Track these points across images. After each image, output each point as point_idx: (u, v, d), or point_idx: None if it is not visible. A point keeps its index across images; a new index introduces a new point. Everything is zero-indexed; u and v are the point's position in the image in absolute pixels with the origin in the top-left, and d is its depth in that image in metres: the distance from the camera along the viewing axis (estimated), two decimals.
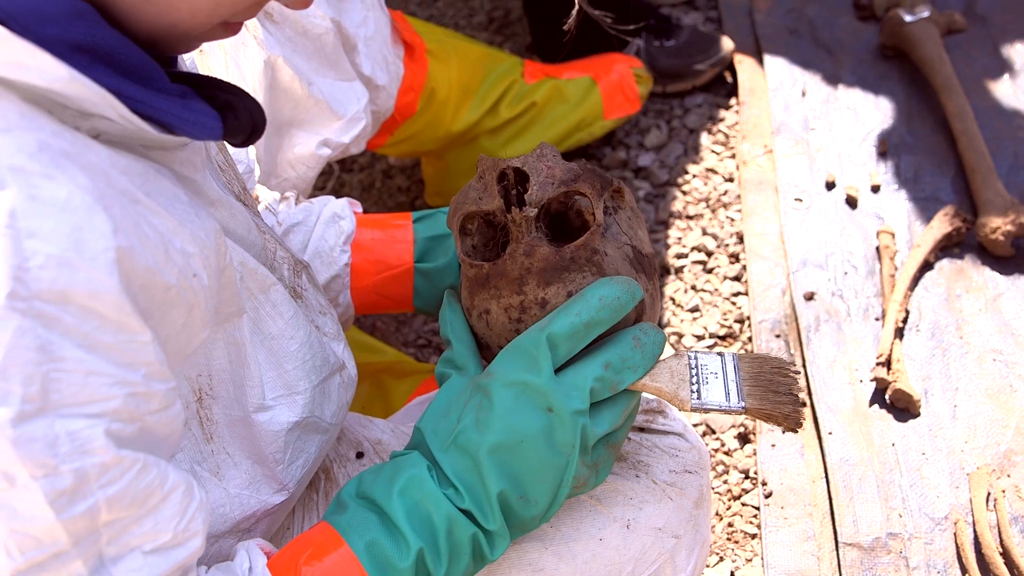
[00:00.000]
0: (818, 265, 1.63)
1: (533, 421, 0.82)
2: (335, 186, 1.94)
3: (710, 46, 1.95)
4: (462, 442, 0.83)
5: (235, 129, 0.77)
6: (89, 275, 0.62)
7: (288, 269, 0.95)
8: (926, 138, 1.79)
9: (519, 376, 0.83)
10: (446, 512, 0.82)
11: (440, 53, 1.61)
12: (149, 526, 0.69)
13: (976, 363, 1.48)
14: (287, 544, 0.84)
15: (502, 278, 0.88)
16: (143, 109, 0.68)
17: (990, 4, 2.02)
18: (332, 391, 0.96)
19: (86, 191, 0.63)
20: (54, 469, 0.62)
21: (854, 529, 1.32)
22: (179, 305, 0.71)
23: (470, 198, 0.92)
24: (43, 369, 0.60)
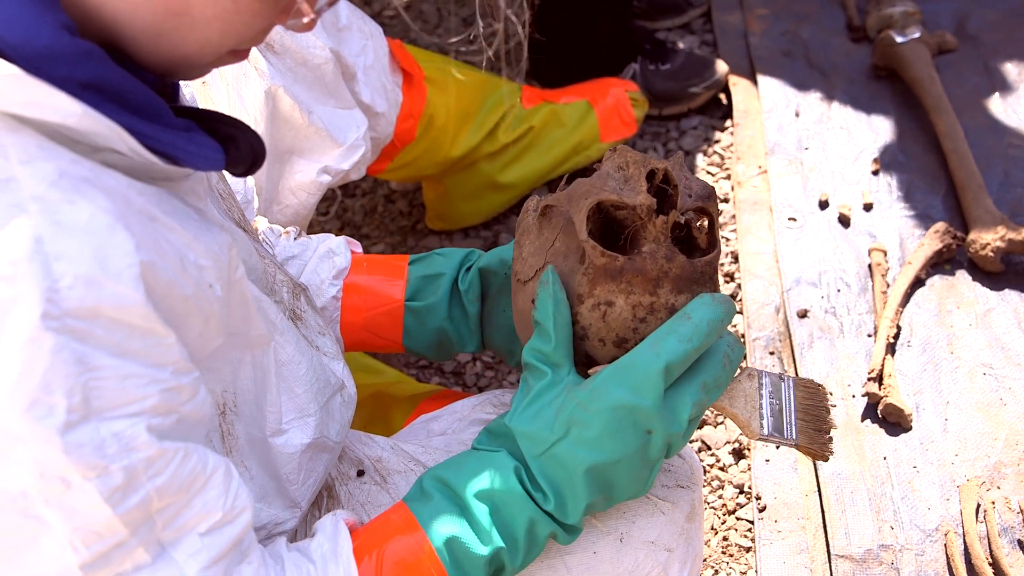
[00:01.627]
0: (811, 283, 1.66)
1: (632, 443, 0.84)
2: (338, 211, 1.98)
3: (705, 69, 1.98)
4: (559, 455, 0.85)
5: (236, 160, 0.81)
6: (116, 290, 0.66)
7: (288, 292, 0.98)
8: (918, 157, 1.83)
9: (627, 400, 0.83)
10: (529, 515, 0.85)
11: (438, 80, 1.65)
12: (199, 508, 0.73)
13: (967, 377, 1.50)
14: (367, 526, 0.88)
15: (638, 275, 0.87)
16: (150, 143, 0.71)
17: (980, 24, 2.05)
18: (335, 410, 0.99)
19: (107, 212, 0.67)
20: (104, 469, 0.67)
21: (846, 541, 1.35)
22: (196, 315, 0.75)
23: (608, 187, 0.88)
24: (82, 380, 0.65)
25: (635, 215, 0.88)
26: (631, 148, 0.91)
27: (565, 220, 0.90)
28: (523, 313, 0.93)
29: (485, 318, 1.12)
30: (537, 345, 0.88)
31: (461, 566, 0.85)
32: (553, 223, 0.91)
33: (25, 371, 0.63)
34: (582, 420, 0.84)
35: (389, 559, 0.85)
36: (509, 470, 0.86)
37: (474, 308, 1.10)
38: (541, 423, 0.85)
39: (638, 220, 0.88)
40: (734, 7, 2.19)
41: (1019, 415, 1.45)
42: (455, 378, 1.70)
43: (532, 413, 0.86)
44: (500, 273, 1.09)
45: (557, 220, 0.91)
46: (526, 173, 1.82)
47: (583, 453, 0.84)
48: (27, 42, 0.65)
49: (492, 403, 1.14)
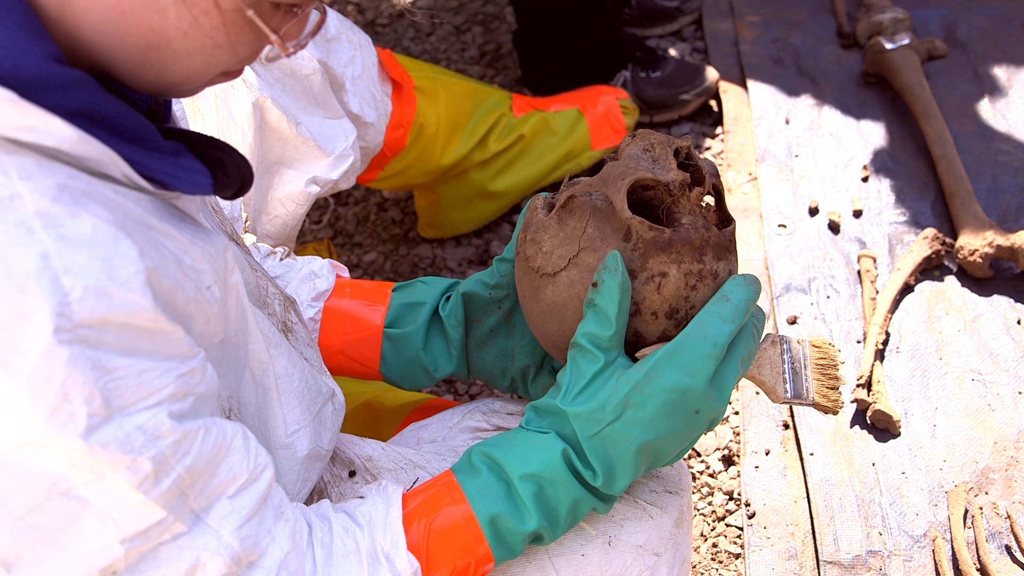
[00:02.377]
0: (801, 289, 1.67)
1: (682, 421, 0.89)
2: (331, 219, 1.99)
3: (695, 76, 1.99)
4: (613, 434, 0.88)
5: (224, 184, 0.82)
6: (125, 298, 0.68)
7: (279, 304, 0.99)
8: (907, 163, 1.83)
9: (680, 382, 0.87)
10: (573, 496, 0.90)
11: (428, 89, 1.66)
12: (225, 474, 0.77)
13: (955, 383, 1.51)
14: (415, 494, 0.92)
15: (685, 244, 0.90)
16: (139, 169, 0.73)
17: (970, 30, 2.06)
18: (327, 419, 1.00)
19: (109, 222, 0.68)
20: (133, 462, 0.70)
21: (835, 547, 1.35)
22: (198, 316, 0.77)
23: (641, 166, 0.92)
24: (100, 384, 0.67)
25: (666, 192, 0.92)
26: (652, 131, 0.95)
27: (592, 208, 0.93)
28: (555, 305, 0.94)
29: (471, 342, 1.12)
30: (593, 330, 0.89)
31: (503, 539, 0.90)
32: (577, 213, 0.93)
33: (43, 385, 0.65)
34: (637, 401, 0.87)
35: (436, 530, 0.89)
36: (557, 452, 0.89)
37: (457, 333, 1.10)
38: (595, 404, 0.88)
39: (669, 196, 0.93)
40: (725, 14, 2.20)
41: (1007, 421, 1.46)
42: (446, 386, 1.70)
43: (587, 396, 0.89)
44: (483, 295, 1.09)
45: (582, 209, 0.93)
46: (517, 181, 1.83)
47: (637, 432, 0.88)
48: (15, 70, 0.66)
49: (482, 411, 1.15)
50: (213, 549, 0.76)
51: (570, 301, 0.92)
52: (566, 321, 0.94)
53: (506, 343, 1.10)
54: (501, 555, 0.90)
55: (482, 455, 0.92)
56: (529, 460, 0.89)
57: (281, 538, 0.82)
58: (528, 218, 0.98)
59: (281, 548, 0.81)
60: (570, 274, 0.92)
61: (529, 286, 0.97)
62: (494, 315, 1.10)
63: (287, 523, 0.82)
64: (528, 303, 0.97)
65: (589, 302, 0.89)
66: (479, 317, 1.10)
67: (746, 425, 1.51)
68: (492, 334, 1.10)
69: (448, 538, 0.89)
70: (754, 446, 1.48)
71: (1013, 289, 1.61)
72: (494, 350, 1.11)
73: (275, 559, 0.81)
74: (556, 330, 0.95)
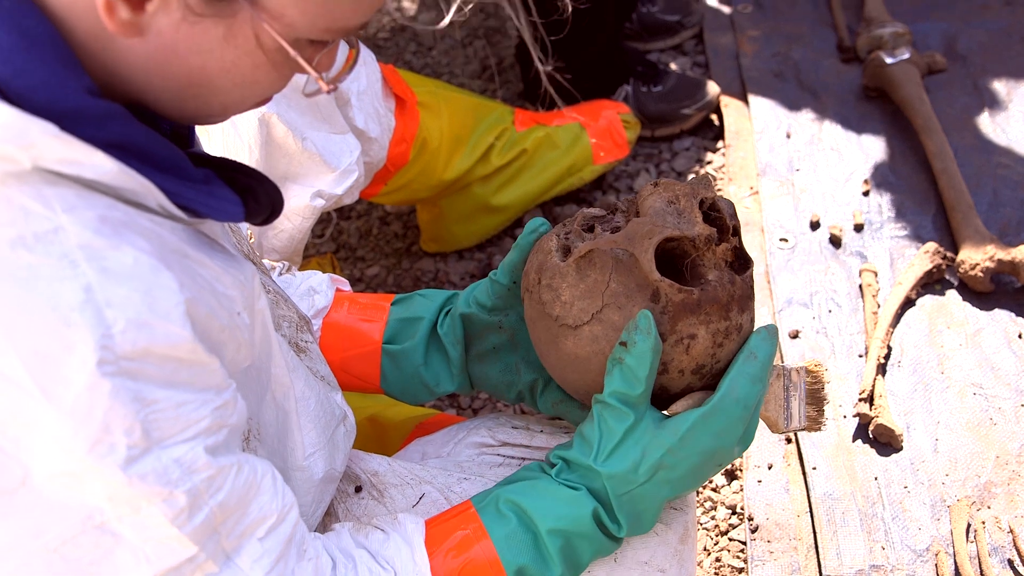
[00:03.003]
0: (803, 304, 1.67)
1: (708, 475, 0.94)
2: (333, 233, 1.99)
3: (697, 90, 2.00)
4: (644, 493, 0.92)
5: (255, 211, 0.83)
6: (166, 331, 0.70)
7: (289, 326, 1.00)
8: (908, 177, 1.84)
9: (712, 446, 0.91)
10: (596, 549, 0.93)
11: (431, 104, 1.67)
12: (256, 514, 0.78)
13: (957, 397, 1.51)
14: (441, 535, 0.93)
15: (713, 304, 0.91)
16: (174, 199, 0.74)
17: (970, 44, 2.07)
18: (339, 441, 1.02)
19: (149, 254, 0.70)
20: (170, 495, 0.71)
21: (838, 562, 1.35)
22: (230, 343, 0.78)
23: (668, 223, 0.91)
24: (140, 416, 0.69)
25: (691, 245, 0.92)
26: (674, 181, 0.95)
27: (614, 261, 0.91)
28: (579, 358, 0.93)
29: (472, 357, 1.11)
30: (621, 388, 0.90)
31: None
32: (598, 265, 0.92)
33: (85, 416, 0.67)
34: (670, 464, 0.90)
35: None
36: (588, 511, 0.91)
37: (456, 351, 1.09)
38: (628, 465, 0.90)
39: (695, 250, 0.92)
40: (726, 28, 2.21)
41: (1009, 435, 1.46)
42: (449, 400, 1.70)
43: (620, 456, 0.90)
44: (482, 317, 1.08)
45: (603, 262, 0.91)
46: (519, 195, 1.83)
47: (667, 490, 0.92)
48: (52, 104, 0.67)
49: (487, 426, 1.15)
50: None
51: (593, 356, 0.93)
52: (588, 374, 0.94)
53: (509, 358, 1.10)
54: None
55: (511, 503, 0.93)
56: (560, 516, 0.91)
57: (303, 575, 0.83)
58: (541, 260, 0.96)
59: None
60: (593, 329, 0.92)
61: (546, 332, 0.96)
62: (495, 333, 1.10)
63: (309, 561, 0.83)
64: (545, 347, 0.97)
65: (617, 360, 0.90)
66: (480, 334, 1.10)
67: None
68: (495, 350, 1.10)
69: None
70: (757, 460, 1.49)
71: (1014, 303, 1.62)
72: (498, 364, 1.11)
73: None
74: (576, 379, 0.96)
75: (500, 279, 1.06)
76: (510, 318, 1.08)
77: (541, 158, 1.83)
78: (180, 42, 0.71)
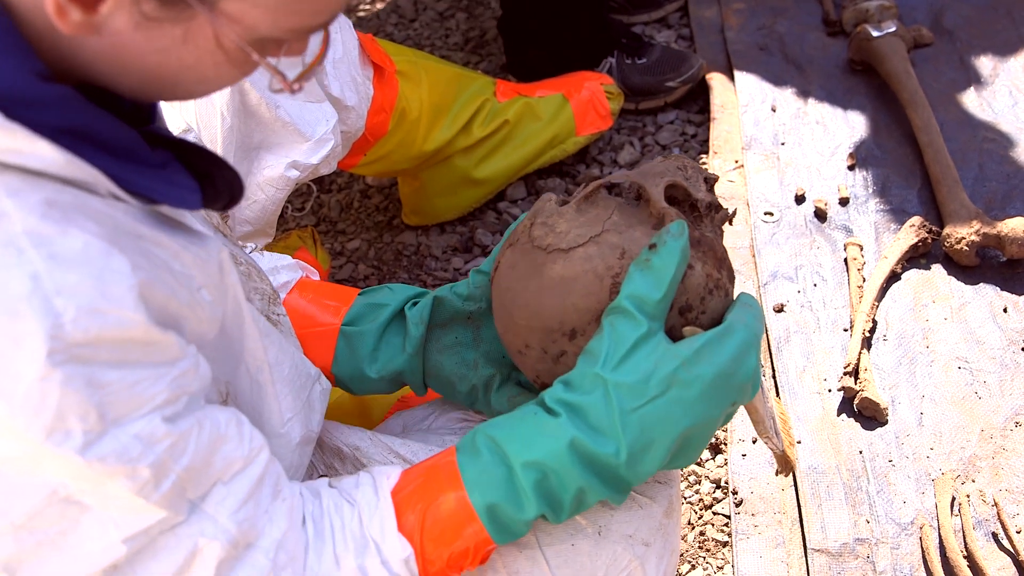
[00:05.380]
0: (788, 278, 1.66)
1: (718, 410, 0.86)
2: (314, 206, 1.96)
3: (681, 63, 1.98)
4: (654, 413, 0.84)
5: (213, 198, 0.80)
6: (118, 316, 0.67)
7: (261, 298, 0.98)
8: (893, 151, 1.83)
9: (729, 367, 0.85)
10: (578, 486, 0.85)
11: (411, 74, 1.64)
12: (220, 463, 0.77)
13: (942, 371, 1.50)
14: (414, 475, 0.89)
15: (710, 251, 0.90)
16: (127, 186, 0.72)
17: (956, 18, 2.05)
18: (315, 402, 1.00)
19: (100, 237, 0.67)
20: (133, 471, 0.70)
21: (822, 535, 1.34)
22: (191, 318, 0.77)
23: (678, 175, 0.93)
24: (94, 400, 0.67)
25: (691, 210, 0.93)
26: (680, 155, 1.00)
27: (617, 203, 0.91)
28: (565, 280, 0.88)
29: (432, 346, 1.08)
30: (643, 291, 0.84)
31: (503, 526, 0.87)
32: (600, 204, 0.91)
33: (38, 407, 0.65)
34: (684, 379, 0.83)
35: (431, 515, 0.87)
36: (564, 442, 0.84)
37: (417, 331, 1.06)
38: (640, 375, 0.83)
39: (694, 213, 0.93)
40: (711, 1, 2.19)
41: (994, 409, 1.45)
42: None
43: (632, 365, 0.84)
44: (455, 304, 1.06)
45: (606, 202, 0.91)
46: (502, 167, 1.81)
47: (679, 413, 0.84)
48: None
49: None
50: (210, 534, 0.76)
51: (583, 275, 0.88)
52: (571, 296, 0.88)
53: (468, 354, 1.07)
54: (502, 539, 0.88)
55: (486, 437, 0.88)
56: (534, 446, 0.85)
57: (279, 518, 0.81)
58: (538, 207, 0.94)
59: (279, 528, 0.81)
60: (588, 250, 0.88)
61: (530, 266, 0.91)
62: (462, 325, 1.07)
63: (284, 502, 0.82)
64: (520, 284, 0.91)
65: (642, 262, 0.85)
66: (445, 323, 1.07)
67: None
68: (456, 343, 1.07)
69: (443, 524, 0.87)
70: (741, 434, 1.47)
71: (999, 277, 1.61)
72: (455, 358, 1.08)
73: (272, 539, 0.80)
74: (554, 306, 0.89)
75: (485, 268, 1.05)
76: (482, 310, 1.06)
77: (523, 129, 1.81)
78: (137, 42, 0.68)
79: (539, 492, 0.85)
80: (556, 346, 0.91)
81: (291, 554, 0.82)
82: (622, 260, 0.88)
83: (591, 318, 0.88)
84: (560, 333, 0.90)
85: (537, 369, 0.94)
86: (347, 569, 0.85)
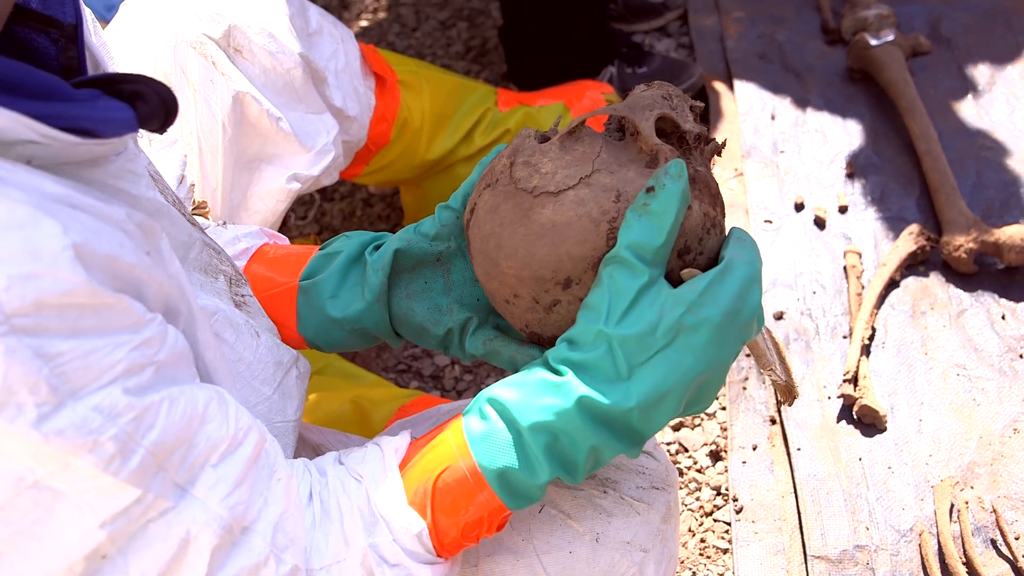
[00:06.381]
0: (787, 285, 1.67)
1: (732, 351, 0.83)
2: (316, 214, 1.97)
3: (681, 72, 1.99)
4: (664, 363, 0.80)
5: (148, 115, 0.76)
6: (55, 278, 0.64)
7: (225, 280, 0.96)
8: (892, 159, 1.84)
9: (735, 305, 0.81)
10: (591, 445, 0.81)
11: (412, 83, 1.65)
12: (204, 444, 0.74)
13: (940, 378, 1.51)
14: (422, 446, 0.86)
15: (705, 187, 0.86)
16: (55, 123, 0.68)
17: (954, 27, 2.06)
18: (290, 388, 0.97)
19: (25, 203, 0.64)
20: (95, 444, 0.66)
21: (822, 542, 1.35)
22: (149, 282, 0.74)
23: (666, 106, 0.86)
24: (44, 372, 0.64)
25: (680, 142, 0.87)
26: (668, 84, 0.90)
27: (604, 139, 0.85)
28: (556, 226, 0.83)
29: (400, 293, 1.01)
30: (642, 239, 0.79)
31: (516, 491, 0.84)
32: (586, 141, 0.85)
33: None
34: (691, 325, 0.79)
35: (441, 487, 0.84)
36: (572, 400, 0.80)
37: (377, 278, 0.99)
38: (645, 327, 0.79)
39: (683, 146, 0.87)
40: (710, 10, 2.20)
41: (992, 415, 1.46)
42: (434, 382, 1.69)
43: (635, 317, 0.80)
44: (422, 246, 0.99)
45: (592, 139, 0.86)
46: None
47: (690, 360, 0.80)
48: None
49: None
50: (202, 521, 0.73)
51: (576, 220, 0.82)
52: (563, 243, 0.83)
53: (440, 299, 1.00)
54: (516, 504, 0.84)
55: (492, 400, 0.84)
56: (541, 409, 0.81)
57: (275, 499, 0.79)
58: (515, 146, 0.88)
59: (275, 510, 0.79)
60: (580, 192, 0.83)
61: (515, 210, 0.85)
62: (430, 268, 1.00)
63: (280, 482, 0.80)
64: (506, 230, 0.86)
65: (640, 207, 0.80)
66: (413, 269, 1.00)
67: (733, 420, 1.51)
68: (427, 287, 1.01)
69: (453, 494, 0.84)
70: (741, 441, 1.48)
71: (997, 284, 1.62)
72: (426, 303, 1.01)
73: (269, 521, 0.78)
74: (546, 255, 0.84)
75: (453, 204, 0.98)
76: (451, 250, 0.99)
77: None
78: None
79: (550, 455, 0.82)
80: (549, 296, 0.86)
81: (291, 535, 0.80)
82: (618, 203, 0.83)
83: (587, 266, 0.84)
84: (553, 283, 0.85)
85: (527, 319, 0.90)
86: (357, 548, 0.82)
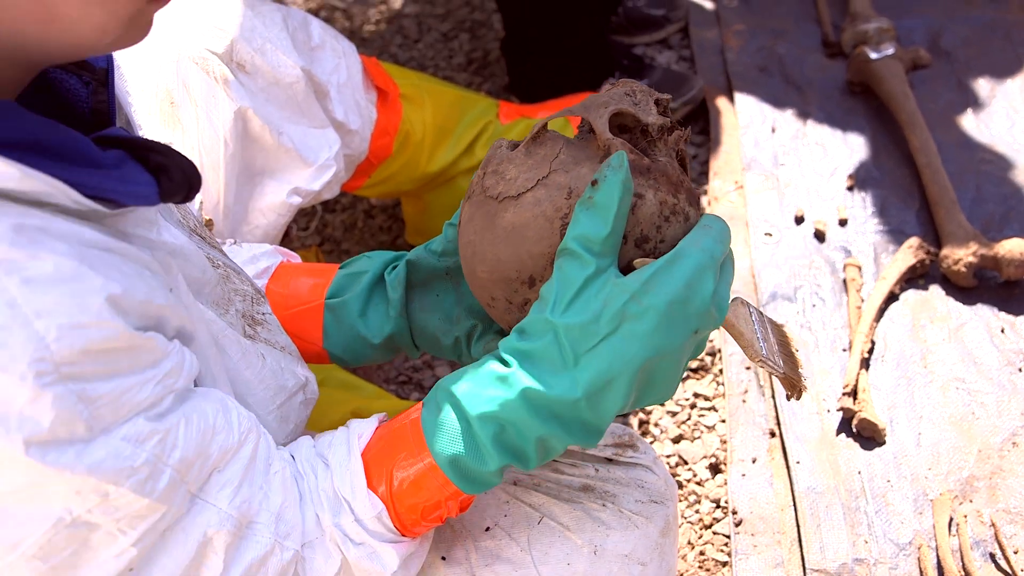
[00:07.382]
0: (787, 298, 1.67)
1: (680, 339, 0.82)
2: (318, 226, 1.98)
3: (682, 85, 2.00)
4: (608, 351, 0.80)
5: (171, 190, 0.80)
6: (99, 328, 0.68)
7: (243, 299, 0.98)
8: (892, 172, 1.84)
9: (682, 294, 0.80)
10: (537, 436, 0.82)
11: (414, 96, 1.66)
12: (216, 454, 0.79)
13: (940, 392, 1.52)
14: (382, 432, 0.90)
15: (663, 176, 0.86)
16: (85, 191, 0.71)
17: (954, 40, 2.07)
18: (290, 413, 0.99)
19: (69, 256, 0.68)
20: (132, 470, 0.71)
21: (821, 555, 1.35)
22: (171, 315, 0.78)
23: (625, 102, 0.88)
24: (84, 415, 0.68)
25: (643, 135, 0.89)
26: (629, 79, 0.92)
27: (565, 140, 0.87)
28: (516, 228, 0.86)
29: (415, 306, 1.06)
30: (587, 231, 0.80)
31: (469, 478, 0.85)
32: (548, 144, 0.88)
33: (32, 431, 0.66)
34: (635, 313, 0.80)
35: (398, 472, 0.87)
36: (515, 391, 0.82)
37: (396, 293, 1.04)
38: (589, 315, 0.80)
39: (646, 139, 0.89)
40: (711, 23, 2.21)
41: (991, 429, 1.47)
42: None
43: (580, 306, 0.81)
44: (431, 262, 1.04)
45: (554, 141, 0.88)
46: None
47: (636, 347, 0.80)
48: None
49: None
50: (216, 524, 0.78)
51: (533, 220, 0.85)
52: (524, 243, 0.86)
53: (451, 310, 1.05)
54: (471, 489, 0.86)
55: (445, 391, 0.86)
56: (487, 399, 0.82)
57: (274, 491, 0.84)
58: (489, 155, 0.91)
59: (275, 501, 0.84)
60: (537, 193, 0.85)
61: (484, 218, 0.88)
62: (440, 281, 1.05)
63: (276, 474, 0.84)
64: (478, 237, 0.89)
65: (585, 201, 0.81)
66: (425, 281, 1.05)
67: (732, 433, 1.51)
68: (438, 300, 1.05)
69: (409, 479, 0.87)
70: (741, 454, 1.49)
71: (997, 298, 1.62)
72: (438, 314, 1.05)
73: (271, 513, 0.83)
74: (510, 256, 0.87)
75: (455, 221, 1.02)
76: (457, 263, 1.03)
77: None
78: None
79: (498, 444, 0.83)
80: (519, 295, 0.89)
81: (291, 523, 0.84)
82: (569, 200, 0.85)
83: (547, 263, 0.86)
84: (519, 282, 0.88)
85: (507, 320, 0.93)
86: (327, 529, 0.87)
